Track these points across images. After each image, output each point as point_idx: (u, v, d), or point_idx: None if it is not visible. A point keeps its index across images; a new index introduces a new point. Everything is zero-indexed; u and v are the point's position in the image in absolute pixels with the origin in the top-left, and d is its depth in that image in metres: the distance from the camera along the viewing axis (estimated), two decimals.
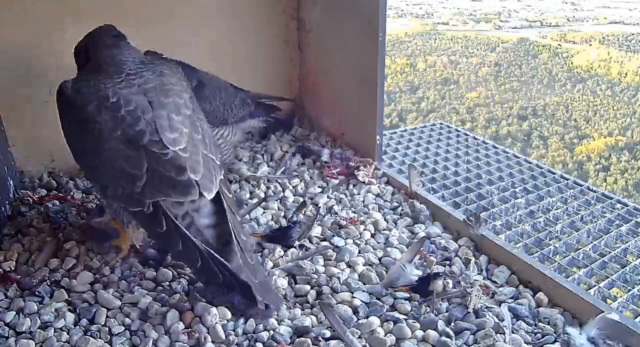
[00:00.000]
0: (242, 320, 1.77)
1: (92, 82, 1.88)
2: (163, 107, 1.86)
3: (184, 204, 1.80)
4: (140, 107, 1.82)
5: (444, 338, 1.71)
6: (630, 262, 2.52)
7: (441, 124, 4.51)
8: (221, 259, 1.71)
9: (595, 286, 2.34)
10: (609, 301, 2.23)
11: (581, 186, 3.33)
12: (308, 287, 1.96)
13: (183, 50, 2.64)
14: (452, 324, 1.79)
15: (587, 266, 2.50)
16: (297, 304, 1.90)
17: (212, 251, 1.72)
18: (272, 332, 1.72)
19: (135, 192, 1.75)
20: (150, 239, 2.11)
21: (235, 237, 1.81)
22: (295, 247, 2.18)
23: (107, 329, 1.73)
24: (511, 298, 1.93)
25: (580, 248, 2.64)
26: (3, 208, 2.32)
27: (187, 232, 1.74)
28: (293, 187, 2.71)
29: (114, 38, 2.09)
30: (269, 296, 1.78)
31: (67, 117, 1.90)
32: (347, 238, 2.28)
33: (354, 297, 1.90)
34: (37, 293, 1.87)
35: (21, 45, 2.54)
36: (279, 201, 2.58)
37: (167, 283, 1.97)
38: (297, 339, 1.69)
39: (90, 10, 2.64)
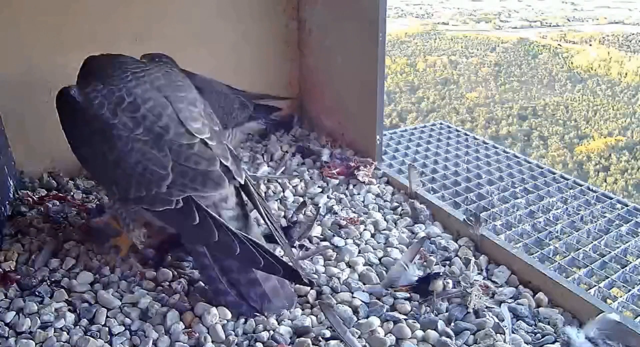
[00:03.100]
0: (242, 320, 1.78)
1: (101, 85, 1.84)
2: (180, 101, 1.88)
3: (212, 196, 1.82)
4: (159, 104, 1.83)
5: (444, 338, 1.71)
6: (630, 262, 2.52)
7: (441, 124, 4.51)
8: (259, 242, 1.75)
9: (595, 286, 2.34)
10: (609, 301, 2.23)
11: (581, 185, 3.33)
12: (308, 287, 1.96)
13: (183, 51, 2.64)
14: (452, 324, 1.78)
15: (587, 266, 2.50)
16: (297, 304, 1.90)
17: (249, 236, 1.75)
18: (272, 332, 1.72)
19: (160, 192, 1.75)
20: (149, 238, 2.10)
21: (271, 220, 1.92)
22: (295, 247, 2.18)
23: (107, 329, 1.73)
24: (511, 298, 1.93)
25: (580, 248, 2.64)
26: (3, 208, 2.32)
27: (223, 221, 1.76)
28: (293, 187, 2.71)
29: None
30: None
31: (77, 124, 1.84)
32: (347, 238, 2.28)
33: (354, 297, 1.90)
34: (37, 293, 1.87)
35: (20, 45, 2.54)
36: (279, 201, 2.58)
37: (167, 283, 1.96)
38: (297, 339, 1.69)
39: (89, 13, 2.64)
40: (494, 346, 1.67)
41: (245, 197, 1.95)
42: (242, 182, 1.92)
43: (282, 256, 1.87)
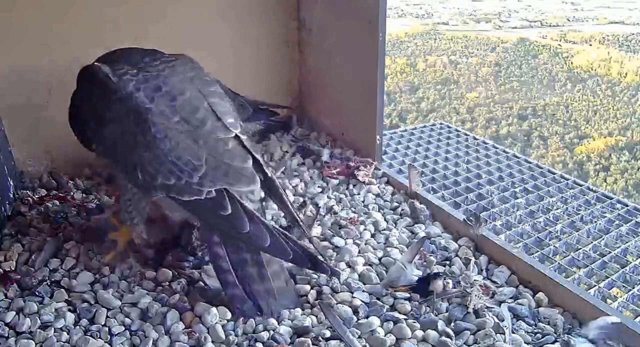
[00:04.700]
0: (242, 320, 1.78)
1: (134, 70, 1.82)
2: (212, 95, 1.91)
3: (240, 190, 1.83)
4: (195, 97, 1.84)
5: (444, 338, 1.71)
6: (630, 262, 2.52)
7: (441, 124, 4.51)
8: (289, 234, 1.78)
9: (595, 286, 2.34)
10: (609, 301, 2.23)
11: (581, 186, 3.33)
12: (308, 287, 1.96)
13: (183, 51, 2.64)
14: (452, 324, 1.79)
15: (587, 266, 2.50)
16: (297, 304, 1.90)
17: (278, 228, 1.77)
18: (272, 332, 1.72)
19: (191, 181, 1.74)
20: (148, 236, 2.10)
21: (298, 216, 1.96)
22: None
23: (107, 329, 1.73)
24: (511, 298, 1.93)
25: (580, 248, 2.64)
26: (3, 208, 2.31)
27: (255, 212, 1.77)
28: (293, 187, 2.71)
29: None
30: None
31: (106, 102, 1.79)
32: (347, 238, 2.27)
33: (354, 297, 1.90)
34: (37, 293, 1.87)
35: (20, 46, 2.54)
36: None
37: (167, 283, 1.96)
38: (297, 339, 1.69)
39: (89, 13, 2.64)
40: (494, 346, 1.67)
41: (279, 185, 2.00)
42: (270, 175, 1.96)
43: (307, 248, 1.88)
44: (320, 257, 1.83)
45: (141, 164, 1.76)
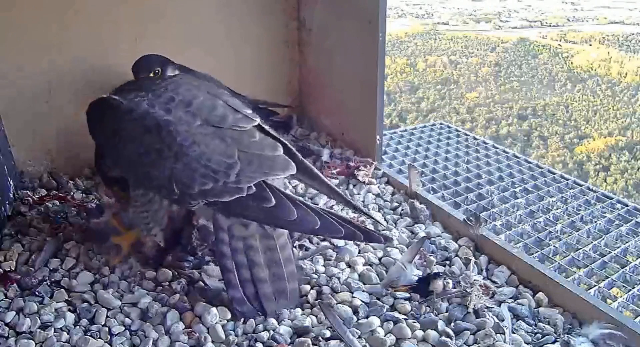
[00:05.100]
0: (242, 320, 1.78)
1: (142, 92, 1.82)
2: (223, 94, 1.92)
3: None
4: (208, 98, 1.85)
5: (444, 338, 1.71)
6: (630, 262, 2.52)
7: (441, 124, 4.51)
8: (336, 212, 1.81)
9: (595, 286, 2.34)
10: (609, 301, 2.23)
11: (581, 186, 3.33)
12: (308, 287, 1.96)
13: (183, 51, 2.64)
14: (452, 324, 1.79)
15: (587, 266, 2.50)
16: (297, 304, 1.90)
17: (323, 207, 1.81)
18: (272, 332, 1.72)
19: (229, 181, 1.73)
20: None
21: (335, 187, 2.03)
22: (295, 247, 2.17)
23: (107, 329, 1.73)
24: (511, 298, 1.93)
25: (580, 248, 2.64)
26: (3, 208, 2.32)
27: (299, 198, 1.78)
28: (293, 187, 2.70)
29: None
30: None
31: (122, 126, 1.78)
32: None
33: (354, 297, 1.90)
34: (37, 293, 1.87)
35: (21, 46, 2.54)
36: None
37: (167, 283, 1.97)
38: (297, 339, 1.69)
39: (89, 13, 2.64)
40: (494, 346, 1.67)
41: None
42: (300, 158, 1.96)
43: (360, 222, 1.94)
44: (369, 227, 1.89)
45: (174, 176, 1.73)
